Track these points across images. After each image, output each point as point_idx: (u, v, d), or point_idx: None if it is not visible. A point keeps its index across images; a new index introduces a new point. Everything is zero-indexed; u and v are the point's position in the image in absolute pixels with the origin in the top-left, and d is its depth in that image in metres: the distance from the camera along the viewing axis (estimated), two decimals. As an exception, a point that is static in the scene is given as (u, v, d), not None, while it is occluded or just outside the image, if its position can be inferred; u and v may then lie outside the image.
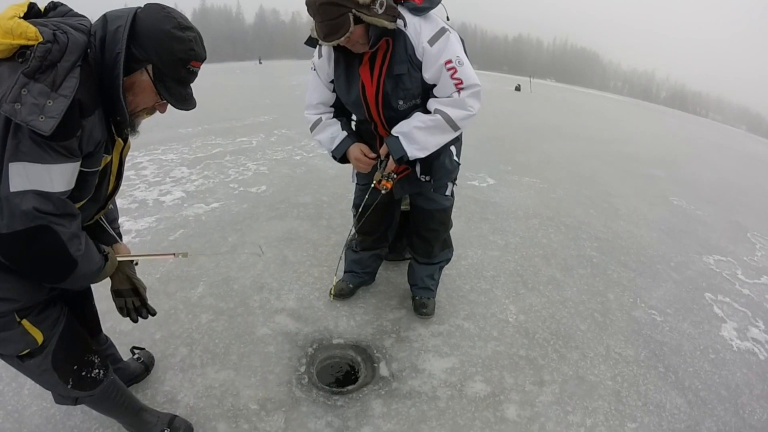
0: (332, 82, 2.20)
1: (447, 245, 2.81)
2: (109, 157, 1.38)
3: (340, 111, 2.34)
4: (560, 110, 16.36)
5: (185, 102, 1.40)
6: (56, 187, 1.16)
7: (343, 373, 2.50)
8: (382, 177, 2.20)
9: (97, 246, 1.43)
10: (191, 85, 1.41)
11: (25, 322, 1.37)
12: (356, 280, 2.98)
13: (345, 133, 2.26)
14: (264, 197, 4.66)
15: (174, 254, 1.69)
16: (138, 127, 1.45)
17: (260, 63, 37.18)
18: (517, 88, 23.85)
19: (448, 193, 2.50)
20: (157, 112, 1.44)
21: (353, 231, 2.70)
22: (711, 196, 6.26)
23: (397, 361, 2.51)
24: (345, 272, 3.01)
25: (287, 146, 6.89)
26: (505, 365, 2.53)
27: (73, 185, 1.22)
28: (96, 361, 1.62)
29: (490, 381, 2.41)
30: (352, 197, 2.70)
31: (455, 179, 2.52)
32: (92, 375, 1.59)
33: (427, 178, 2.32)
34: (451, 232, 2.66)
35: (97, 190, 1.39)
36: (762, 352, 2.93)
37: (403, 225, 2.95)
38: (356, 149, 2.24)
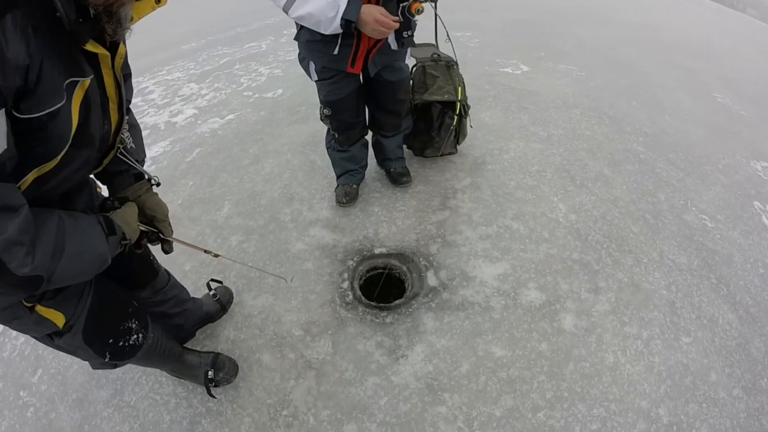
0: None
1: (409, 111, 2.57)
2: (87, 80, 0.88)
3: None
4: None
5: None
6: None
7: (389, 287, 2.19)
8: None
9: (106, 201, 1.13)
10: None
11: (39, 308, 1.07)
12: (357, 178, 2.63)
13: None
14: (282, 101, 4.06)
15: (205, 250, 1.48)
16: (127, 21, 0.90)
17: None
18: (541, -34, 21.16)
19: (407, 60, 2.29)
20: None
21: (331, 131, 2.39)
22: (754, 96, 5.53)
23: (445, 269, 2.18)
24: (340, 176, 2.62)
25: (299, 45, 5.99)
26: (559, 270, 2.21)
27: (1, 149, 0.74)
28: (134, 326, 1.35)
29: (544, 288, 2.10)
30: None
31: None
32: (131, 342, 1.35)
33: (409, 33, 1.97)
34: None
35: (84, 130, 0.92)
36: (810, 272, 2.59)
37: (426, 116, 2.71)
38: (374, 9, 1.68)
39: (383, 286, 2.18)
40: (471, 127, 2.99)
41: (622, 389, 1.80)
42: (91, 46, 0.87)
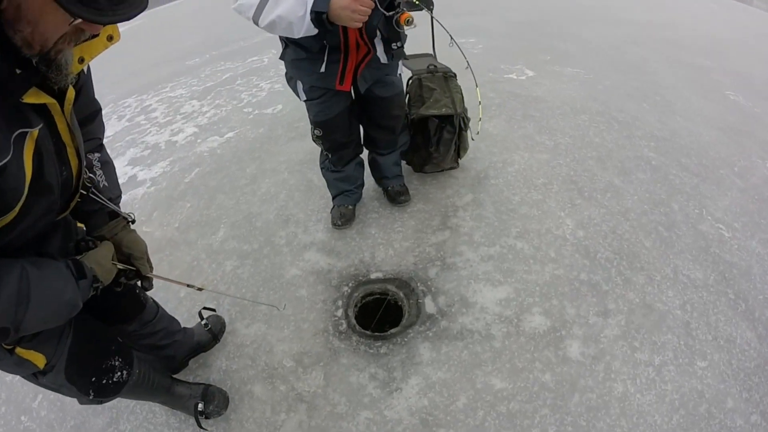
0: None
1: (405, 127, 2.49)
2: (35, 131, 0.84)
3: None
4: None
5: (114, 7, 0.72)
6: None
7: (385, 313, 2.08)
8: (404, 8, 1.66)
9: (82, 242, 1.12)
10: None
11: (18, 350, 1.08)
12: (353, 198, 2.52)
13: None
14: (281, 117, 4.00)
15: (188, 285, 1.42)
16: (68, 67, 0.82)
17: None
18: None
19: (399, 72, 2.16)
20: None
21: (324, 152, 2.32)
22: (767, 92, 5.30)
23: (444, 294, 2.07)
24: (335, 197, 2.51)
25: (301, 58, 5.92)
26: (566, 292, 2.08)
27: None
28: (117, 363, 1.34)
29: (549, 313, 1.98)
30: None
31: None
32: (114, 380, 1.33)
33: (399, 45, 1.90)
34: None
35: (40, 179, 0.89)
36: (832, 282, 2.42)
37: (423, 131, 2.58)
38: None
39: (378, 311, 2.09)
40: (473, 139, 2.88)
41: (631, 421, 1.67)
42: (33, 98, 0.82)
